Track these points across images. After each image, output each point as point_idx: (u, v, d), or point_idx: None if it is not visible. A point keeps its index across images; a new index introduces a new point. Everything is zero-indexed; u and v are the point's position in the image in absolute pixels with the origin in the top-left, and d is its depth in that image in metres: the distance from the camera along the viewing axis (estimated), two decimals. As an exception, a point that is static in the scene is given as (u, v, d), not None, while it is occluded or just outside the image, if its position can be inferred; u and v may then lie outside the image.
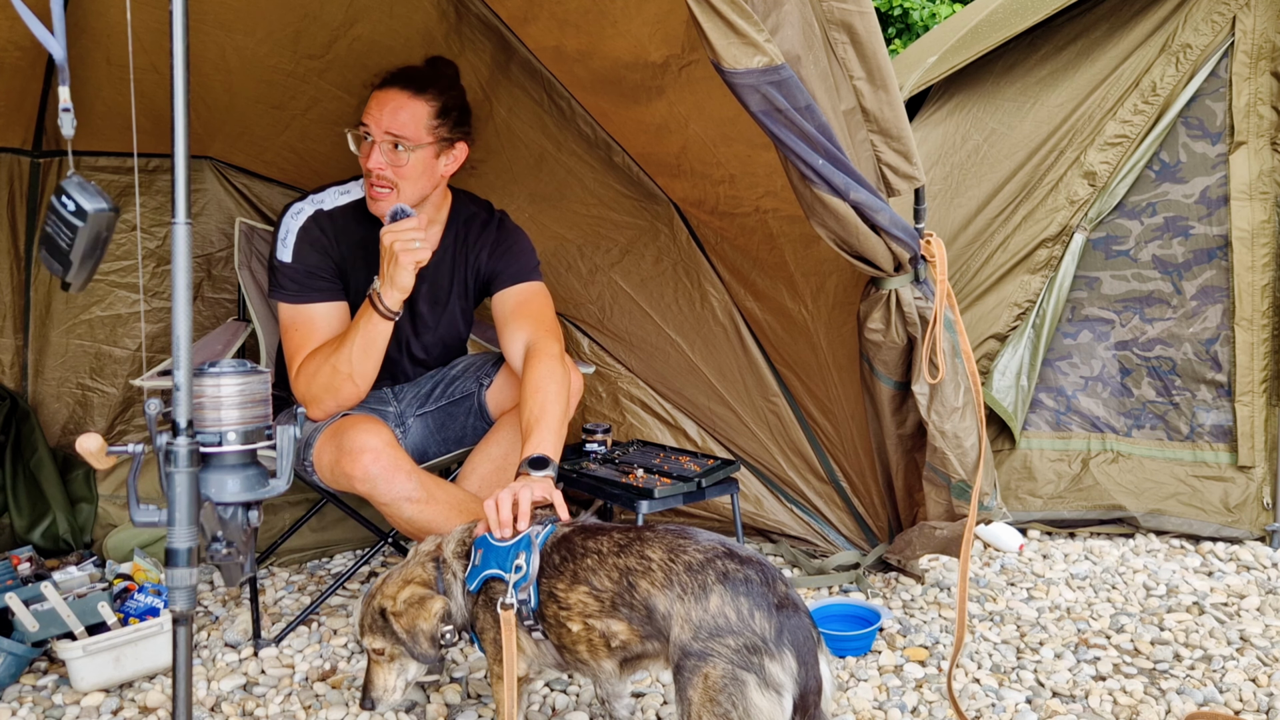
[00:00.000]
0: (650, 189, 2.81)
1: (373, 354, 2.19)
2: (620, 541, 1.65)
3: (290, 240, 2.27)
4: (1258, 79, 2.87)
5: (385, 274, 2.14)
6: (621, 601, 1.59)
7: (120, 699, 2.14)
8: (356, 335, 2.17)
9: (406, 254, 2.10)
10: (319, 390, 2.20)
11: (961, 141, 3.09)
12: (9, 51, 2.36)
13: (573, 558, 1.67)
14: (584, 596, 1.63)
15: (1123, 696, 2.09)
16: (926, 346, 2.17)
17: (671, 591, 1.54)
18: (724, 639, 1.47)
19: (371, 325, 2.16)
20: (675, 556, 1.57)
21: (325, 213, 2.32)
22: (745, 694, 1.44)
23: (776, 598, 1.51)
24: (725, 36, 1.70)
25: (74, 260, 1.34)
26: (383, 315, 2.16)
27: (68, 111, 1.27)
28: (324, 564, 3.00)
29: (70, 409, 3.05)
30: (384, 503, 2.09)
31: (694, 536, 1.62)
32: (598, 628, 1.62)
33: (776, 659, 1.46)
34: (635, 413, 3.17)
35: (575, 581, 1.64)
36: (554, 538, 1.73)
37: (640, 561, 1.59)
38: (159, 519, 1.37)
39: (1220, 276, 2.99)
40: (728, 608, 1.49)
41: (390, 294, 2.14)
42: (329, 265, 2.30)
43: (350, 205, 2.35)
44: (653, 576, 1.57)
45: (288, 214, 2.31)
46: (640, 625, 1.58)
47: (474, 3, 2.48)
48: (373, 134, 2.20)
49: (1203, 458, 3.04)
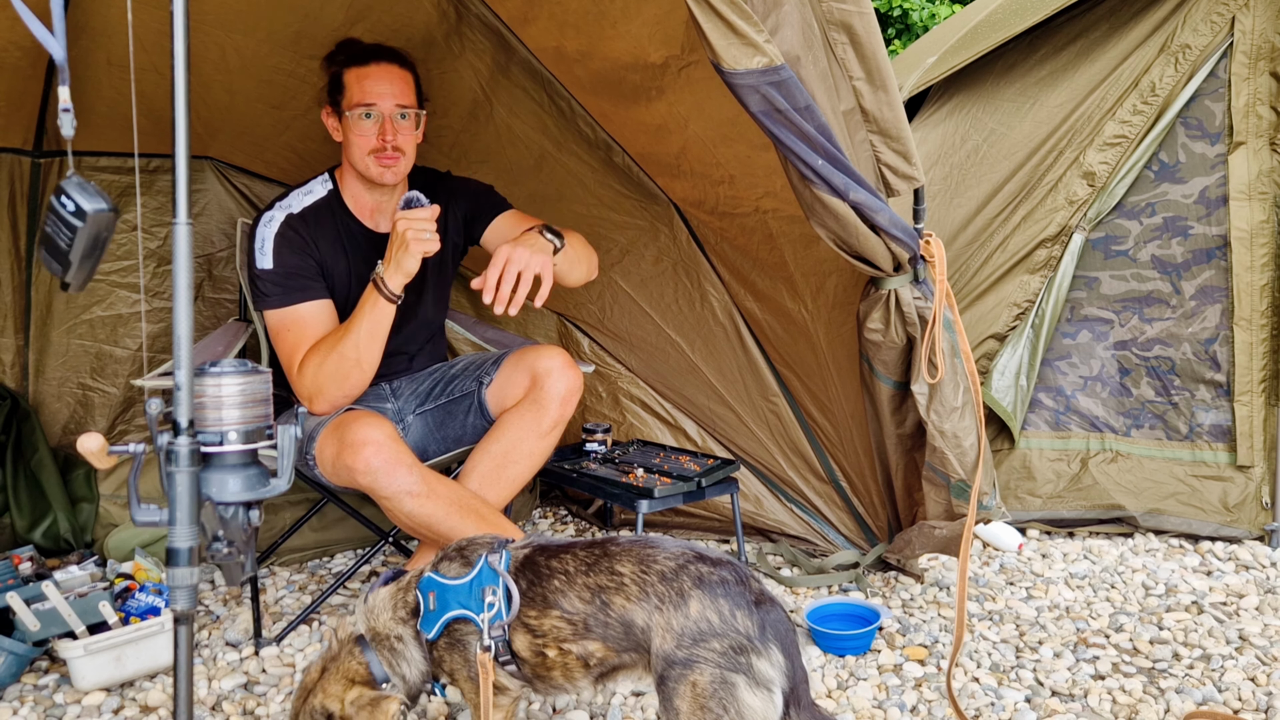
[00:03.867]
0: (650, 189, 2.82)
1: (378, 338, 2.24)
2: (587, 560, 1.59)
3: (268, 248, 2.30)
4: (1257, 79, 2.87)
5: (392, 258, 2.18)
6: (596, 621, 1.54)
7: (121, 698, 2.15)
8: (362, 320, 2.21)
9: (418, 243, 2.15)
10: (325, 380, 2.22)
11: (961, 142, 3.10)
12: (9, 52, 2.36)
13: (539, 580, 1.60)
14: (557, 621, 1.56)
15: (1122, 696, 2.10)
16: (926, 346, 2.17)
17: (648, 603, 1.51)
18: (709, 643, 1.45)
19: (376, 309, 2.21)
20: (647, 567, 1.53)
21: (296, 215, 2.35)
22: (736, 696, 1.43)
23: (753, 594, 1.50)
24: (725, 37, 1.70)
25: (73, 260, 1.34)
26: (386, 299, 2.20)
27: (68, 112, 1.27)
28: (325, 563, 3.00)
29: (71, 409, 3.05)
30: (385, 496, 2.10)
31: (661, 545, 1.58)
32: (574, 651, 1.56)
33: (764, 655, 1.45)
34: (635, 413, 3.18)
35: (546, 606, 1.57)
36: (515, 562, 1.64)
37: (611, 578, 1.55)
38: (160, 518, 1.37)
39: (1219, 276, 2.99)
40: (709, 611, 1.47)
41: (395, 278, 2.19)
42: (310, 265, 2.32)
43: (317, 203, 2.39)
44: (626, 591, 1.53)
45: (260, 224, 2.34)
46: (617, 642, 1.53)
47: (474, 3, 2.49)
48: (381, 109, 2.29)
49: (1202, 457, 3.04)
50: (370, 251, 2.41)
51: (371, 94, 2.28)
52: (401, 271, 2.18)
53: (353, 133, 2.32)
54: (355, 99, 2.29)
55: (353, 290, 2.38)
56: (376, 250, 2.41)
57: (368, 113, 2.29)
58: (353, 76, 2.31)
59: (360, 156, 2.33)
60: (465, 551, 1.69)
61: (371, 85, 2.29)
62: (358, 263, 2.40)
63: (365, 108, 2.28)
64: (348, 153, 2.37)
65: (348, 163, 2.40)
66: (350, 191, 2.43)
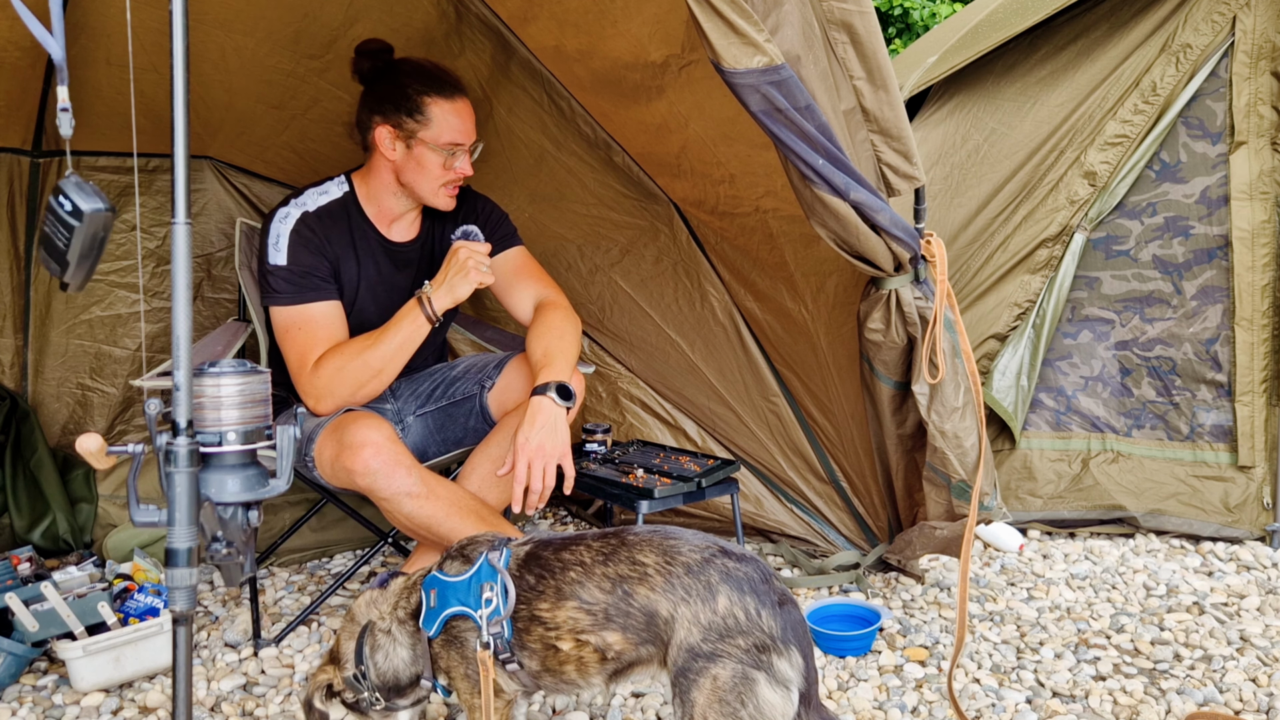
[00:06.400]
0: (650, 189, 2.81)
1: (407, 352, 2.27)
2: (603, 550, 1.59)
3: (283, 244, 2.28)
4: (1258, 79, 2.87)
5: (446, 280, 2.25)
6: (617, 611, 1.53)
7: (120, 699, 2.14)
8: (397, 334, 2.25)
9: (478, 272, 2.24)
10: (341, 384, 2.22)
11: (961, 141, 3.09)
12: (9, 51, 2.35)
13: (550, 574, 1.59)
14: (574, 612, 1.56)
15: (1123, 696, 2.09)
16: (926, 346, 2.16)
17: (674, 594, 1.50)
18: (734, 639, 1.46)
19: (415, 326, 2.26)
20: (671, 559, 1.53)
21: (311, 214, 2.33)
22: (757, 692, 1.44)
23: (776, 594, 1.50)
24: (725, 36, 1.70)
25: (71, 260, 1.34)
26: (428, 318, 2.25)
27: (66, 111, 1.26)
28: (324, 564, 3.00)
29: (70, 409, 3.05)
30: (384, 497, 2.09)
31: (683, 536, 1.58)
32: (592, 642, 1.56)
33: (785, 656, 1.46)
34: (635, 413, 3.17)
35: (561, 598, 1.57)
36: (516, 559, 1.65)
37: (633, 568, 1.54)
38: (159, 519, 1.37)
39: (1220, 276, 2.99)
40: (736, 608, 1.47)
41: (443, 300, 2.24)
42: (323, 265, 2.31)
43: (332, 204, 2.37)
44: (651, 581, 1.52)
45: (274, 220, 2.32)
46: (636, 633, 1.53)
47: (474, 3, 2.48)
48: (466, 145, 2.32)
49: (1203, 458, 3.04)
50: (382, 258, 2.41)
51: (461, 134, 2.29)
52: (453, 296, 2.24)
53: (427, 163, 2.29)
54: (446, 137, 2.27)
55: (360, 294, 2.38)
56: (389, 257, 2.42)
57: (454, 151, 2.30)
58: (441, 110, 2.26)
59: (431, 187, 2.33)
60: (466, 550, 1.71)
61: (461, 124, 2.29)
62: (368, 267, 2.40)
63: (456, 147, 2.29)
64: (409, 177, 2.33)
65: (397, 180, 2.35)
66: (372, 198, 2.40)
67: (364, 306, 2.38)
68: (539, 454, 2.07)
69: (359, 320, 2.36)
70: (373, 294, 2.39)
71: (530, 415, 2.11)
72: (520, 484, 2.06)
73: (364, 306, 2.38)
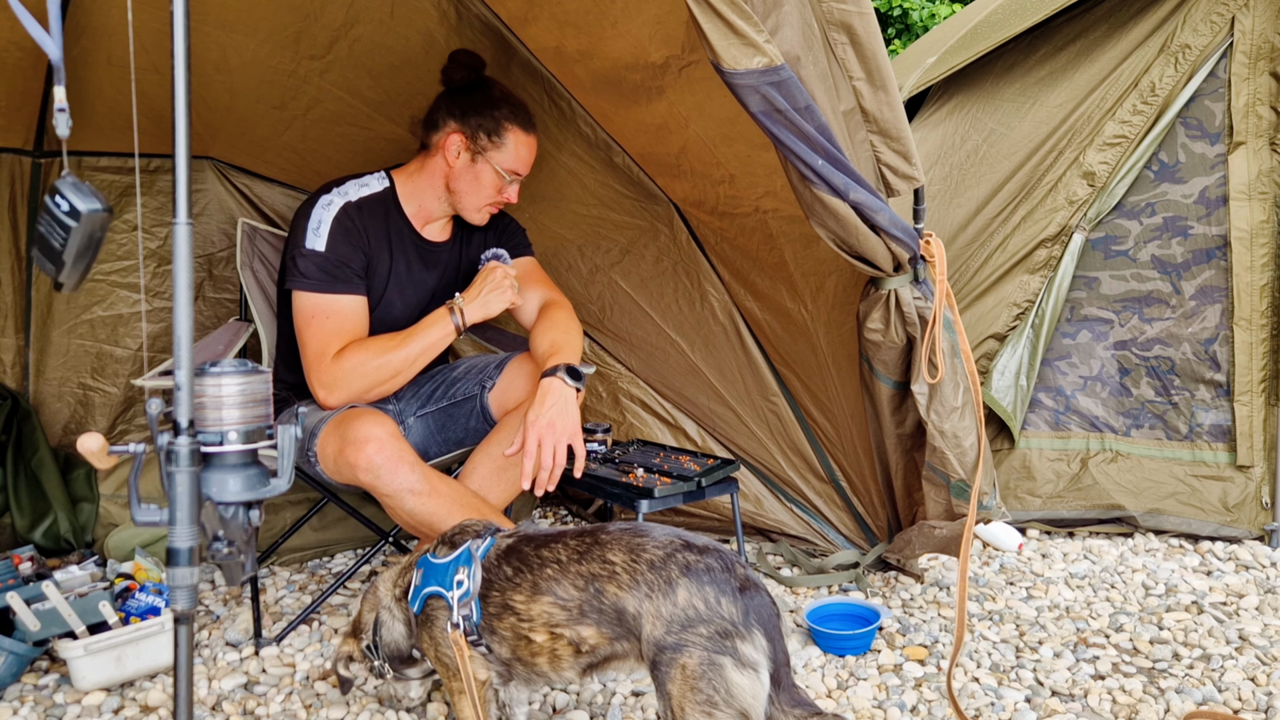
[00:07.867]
0: (650, 189, 2.82)
1: (428, 358, 2.33)
2: (578, 549, 1.65)
3: (324, 230, 2.29)
4: (1256, 79, 2.88)
5: (480, 295, 2.34)
6: (591, 608, 1.59)
7: (121, 698, 2.15)
8: (423, 339, 2.30)
9: (512, 291, 2.36)
10: (358, 379, 2.24)
11: (961, 142, 3.10)
12: (10, 52, 2.36)
13: (528, 569, 1.66)
14: (548, 607, 1.62)
15: (1122, 695, 2.10)
16: (926, 346, 2.17)
17: (639, 591, 1.55)
18: (696, 628, 1.50)
19: (444, 333, 2.32)
20: (636, 556, 1.58)
21: (353, 204, 2.36)
22: (724, 675, 1.48)
23: (738, 581, 1.54)
24: (725, 37, 1.70)
25: (67, 260, 1.34)
26: (456, 327, 2.31)
27: (63, 111, 1.26)
28: (325, 563, 3.00)
29: (71, 409, 3.06)
30: (386, 494, 2.10)
31: (649, 533, 1.63)
32: (566, 635, 1.62)
33: (748, 639, 1.50)
34: (635, 412, 3.18)
35: (537, 593, 1.64)
36: (496, 549, 1.73)
37: (604, 566, 1.60)
38: (160, 518, 1.37)
39: (1219, 276, 2.99)
40: (695, 598, 1.51)
41: (476, 313, 2.33)
42: (359, 258, 2.33)
43: (371, 198, 2.40)
44: (618, 579, 1.58)
45: (318, 205, 2.33)
46: (610, 628, 1.59)
47: (474, 3, 2.49)
48: (523, 176, 2.43)
49: (1201, 457, 3.05)
50: (414, 255, 2.45)
51: (525, 166, 2.40)
52: (485, 310, 2.33)
53: (484, 181, 2.37)
54: (511, 164, 2.37)
55: (389, 288, 2.41)
56: (420, 256, 2.45)
57: (512, 179, 2.39)
58: (517, 140, 2.36)
59: (477, 203, 2.41)
60: (455, 537, 1.82)
61: (528, 158, 2.40)
62: (399, 263, 2.42)
63: (515, 176, 2.39)
64: (461, 185, 2.39)
65: (446, 185, 2.41)
66: (413, 196, 2.44)
67: (391, 301, 2.41)
68: (549, 431, 2.06)
69: (383, 314, 2.39)
70: (400, 290, 2.42)
71: (540, 394, 2.11)
72: (530, 459, 2.04)
73: (391, 301, 2.41)
